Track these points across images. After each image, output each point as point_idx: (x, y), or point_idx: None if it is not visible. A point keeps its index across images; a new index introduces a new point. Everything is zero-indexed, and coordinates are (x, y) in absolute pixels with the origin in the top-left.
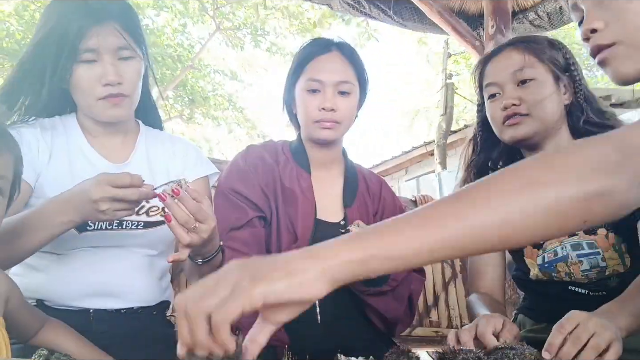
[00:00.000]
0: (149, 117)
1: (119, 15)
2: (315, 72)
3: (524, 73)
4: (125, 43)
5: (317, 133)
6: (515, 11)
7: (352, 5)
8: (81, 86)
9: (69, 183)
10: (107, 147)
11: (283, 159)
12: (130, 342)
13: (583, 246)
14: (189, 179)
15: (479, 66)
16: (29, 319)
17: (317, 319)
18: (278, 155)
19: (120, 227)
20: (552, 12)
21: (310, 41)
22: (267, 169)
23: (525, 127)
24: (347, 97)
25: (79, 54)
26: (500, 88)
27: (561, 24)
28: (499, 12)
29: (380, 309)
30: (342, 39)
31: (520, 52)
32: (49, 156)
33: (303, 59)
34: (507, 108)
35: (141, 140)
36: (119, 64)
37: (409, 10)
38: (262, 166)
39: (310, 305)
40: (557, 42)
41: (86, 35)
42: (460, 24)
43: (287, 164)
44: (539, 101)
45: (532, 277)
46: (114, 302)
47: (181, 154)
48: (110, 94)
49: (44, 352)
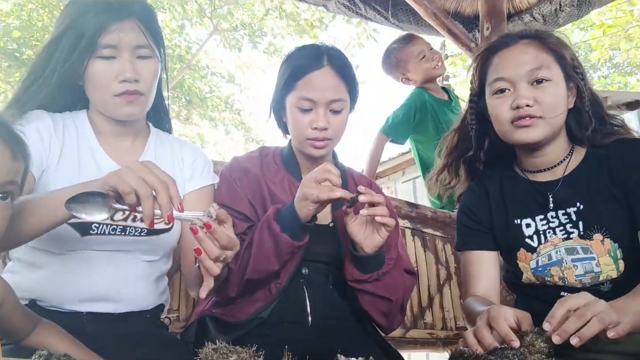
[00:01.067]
0: (160, 120)
1: (140, 14)
2: (307, 90)
3: (542, 72)
4: (145, 42)
5: (309, 150)
6: (511, 13)
7: (348, 6)
8: (97, 81)
9: (76, 177)
10: (117, 148)
11: (274, 168)
12: (122, 343)
13: (578, 250)
14: (196, 186)
15: (483, 56)
16: (22, 320)
17: (309, 321)
18: (266, 164)
19: (124, 233)
20: (548, 14)
21: (301, 51)
22: (252, 180)
23: (538, 130)
24: (338, 115)
25: (97, 48)
26: (511, 85)
27: (556, 27)
28: (494, 14)
29: (383, 293)
30: (332, 46)
31: (538, 49)
32: (60, 153)
33: (294, 73)
34: (520, 108)
35: (151, 144)
36: (137, 62)
37: (405, 12)
38: (245, 178)
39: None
40: (566, 40)
41: (107, 30)
42: (456, 26)
43: (278, 173)
44: (554, 104)
45: (525, 280)
46: (109, 307)
47: (190, 160)
48: (127, 91)
49: (44, 352)
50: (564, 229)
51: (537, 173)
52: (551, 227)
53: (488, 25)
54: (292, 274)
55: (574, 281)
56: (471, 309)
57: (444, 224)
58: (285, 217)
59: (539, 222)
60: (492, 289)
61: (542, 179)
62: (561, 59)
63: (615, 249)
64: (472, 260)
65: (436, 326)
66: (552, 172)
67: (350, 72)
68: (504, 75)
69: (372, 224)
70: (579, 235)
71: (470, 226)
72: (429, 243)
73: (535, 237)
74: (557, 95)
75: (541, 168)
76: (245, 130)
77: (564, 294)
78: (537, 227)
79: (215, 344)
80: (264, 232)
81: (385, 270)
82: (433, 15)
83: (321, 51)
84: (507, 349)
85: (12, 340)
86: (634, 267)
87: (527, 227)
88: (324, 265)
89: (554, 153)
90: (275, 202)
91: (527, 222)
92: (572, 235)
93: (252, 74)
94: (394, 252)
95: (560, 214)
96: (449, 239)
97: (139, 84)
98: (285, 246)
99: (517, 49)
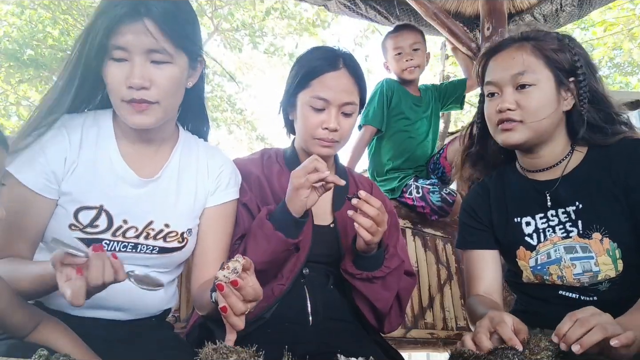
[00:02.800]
0: (197, 125)
1: (157, 13)
2: (322, 90)
3: (525, 77)
4: (158, 46)
5: (316, 150)
6: (512, 13)
7: (349, 6)
8: (109, 84)
9: (89, 190)
10: (139, 156)
11: (276, 169)
12: (127, 344)
13: (577, 249)
14: (219, 202)
15: (482, 59)
16: (23, 317)
17: (309, 321)
18: (268, 166)
19: (135, 250)
20: (548, 14)
21: (316, 52)
22: (254, 181)
23: (517, 134)
24: (349, 118)
25: (109, 50)
26: (498, 88)
27: (557, 26)
28: (495, 14)
29: (370, 297)
30: (347, 51)
31: (526, 52)
32: (74, 167)
33: (310, 72)
34: (502, 112)
35: (176, 153)
36: (150, 67)
37: (405, 12)
38: (249, 179)
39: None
40: (568, 40)
41: (116, 32)
42: (457, 26)
43: (282, 174)
44: (535, 109)
45: (524, 279)
46: (118, 315)
47: (215, 172)
48: (133, 99)
49: (44, 352)
50: (563, 227)
51: (536, 172)
52: (551, 225)
53: (489, 25)
54: (296, 275)
55: (572, 280)
56: (473, 309)
57: (444, 223)
58: (278, 215)
59: (538, 221)
60: (494, 288)
61: (541, 178)
62: (553, 62)
63: (614, 248)
64: (474, 259)
65: (437, 326)
66: (551, 172)
67: (363, 78)
68: (492, 79)
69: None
70: (578, 234)
71: (471, 225)
72: (429, 243)
73: (534, 235)
74: (540, 100)
75: (539, 168)
76: (248, 130)
77: (562, 293)
78: (537, 226)
79: (216, 344)
80: (258, 232)
81: (378, 275)
82: (434, 15)
83: (337, 54)
84: (507, 349)
85: (15, 336)
86: (632, 267)
87: (527, 226)
88: (324, 265)
89: (551, 154)
90: (279, 201)
91: (527, 220)
92: (571, 234)
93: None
94: (394, 263)
95: (560, 212)
96: (450, 239)
97: (148, 92)
98: (279, 244)
99: (507, 54)
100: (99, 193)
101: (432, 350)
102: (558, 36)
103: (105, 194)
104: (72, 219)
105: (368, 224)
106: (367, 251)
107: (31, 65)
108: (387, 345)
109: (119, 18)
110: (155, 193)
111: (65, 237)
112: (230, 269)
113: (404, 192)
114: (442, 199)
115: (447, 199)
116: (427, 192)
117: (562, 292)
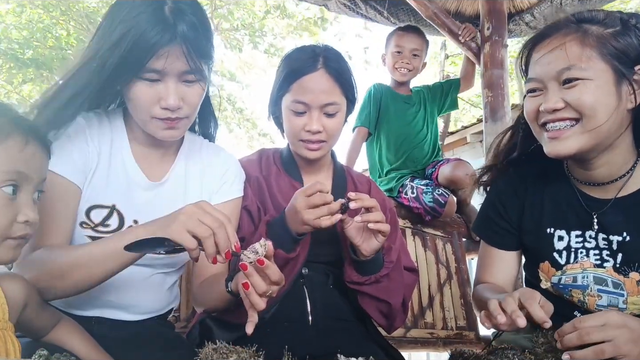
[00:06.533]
0: (204, 126)
1: (193, 39)
2: (301, 93)
3: (572, 72)
4: (191, 68)
5: (304, 152)
6: (512, 13)
7: (349, 6)
8: (139, 102)
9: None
10: (148, 160)
11: (274, 170)
12: (130, 344)
13: (608, 283)
14: (223, 199)
15: (525, 50)
16: (45, 320)
17: (309, 320)
18: (266, 167)
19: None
20: (549, 14)
21: (297, 53)
22: (253, 183)
23: (569, 142)
24: (333, 118)
25: (143, 72)
26: (542, 85)
27: None
28: (495, 14)
29: (382, 296)
30: (330, 48)
31: (575, 43)
32: (95, 167)
33: (289, 76)
34: (548, 112)
35: (182, 155)
36: (182, 88)
37: (405, 12)
38: (247, 182)
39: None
40: (635, 20)
41: (155, 55)
42: (457, 26)
43: (280, 176)
44: (590, 108)
45: (542, 286)
46: (121, 315)
47: (220, 171)
48: (169, 118)
49: (44, 352)
50: (599, 254)
51: (589, 185)
52: (586, 247)
53: (489, 25)
54: (295, 276)
55: (593, 308)
56: (482, 295)
57: (444, 223)
58: (277, 231)
59: (573, 238)
60: (507, 281)
61: (593, 194)
62: (612, 53)
63: None
64: (491, 256)
65: (436, 326)
66: (605, 189)
67: (345, 75)
68: (534, 75)
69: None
70: (614, 267)
71: (497, 222)
72: (429, 243)
73: (564, 254)
74: (595, 98)
75: (593, 182)
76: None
77: (577, 314)
78: (570, 243)
79: (216, 343)
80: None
81: (383, 274)
82: (434, 15)
83: (316, 53)
84: (507, 349)
85: (34, 337)
86: None
87: (559, 240)
88: (324, 265)
89: (608, 167)
90: (276, 203)
91: (561, 234)
92: (605, 264)
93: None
94: (394, 255)
95: (600, 237)
96: (449, 238)
97: (182, 110)
98: (278, 260)
99: (552, 43)
100: (112, 193)
101: (432, 350)
102: (622, 16)
103: (117, 195)
104: (83, 216)
105: (379, 217)
106: (371, 254)
107: (31, 65)
108: (387, 344)
109: (156, 41)
110: (162, 196)
111: (76, 234)
112: (254, 250)
113: (401, 192)
114: (434, 200)
115: (439, 199)
116: (420, 193)
117: (578, 313)
